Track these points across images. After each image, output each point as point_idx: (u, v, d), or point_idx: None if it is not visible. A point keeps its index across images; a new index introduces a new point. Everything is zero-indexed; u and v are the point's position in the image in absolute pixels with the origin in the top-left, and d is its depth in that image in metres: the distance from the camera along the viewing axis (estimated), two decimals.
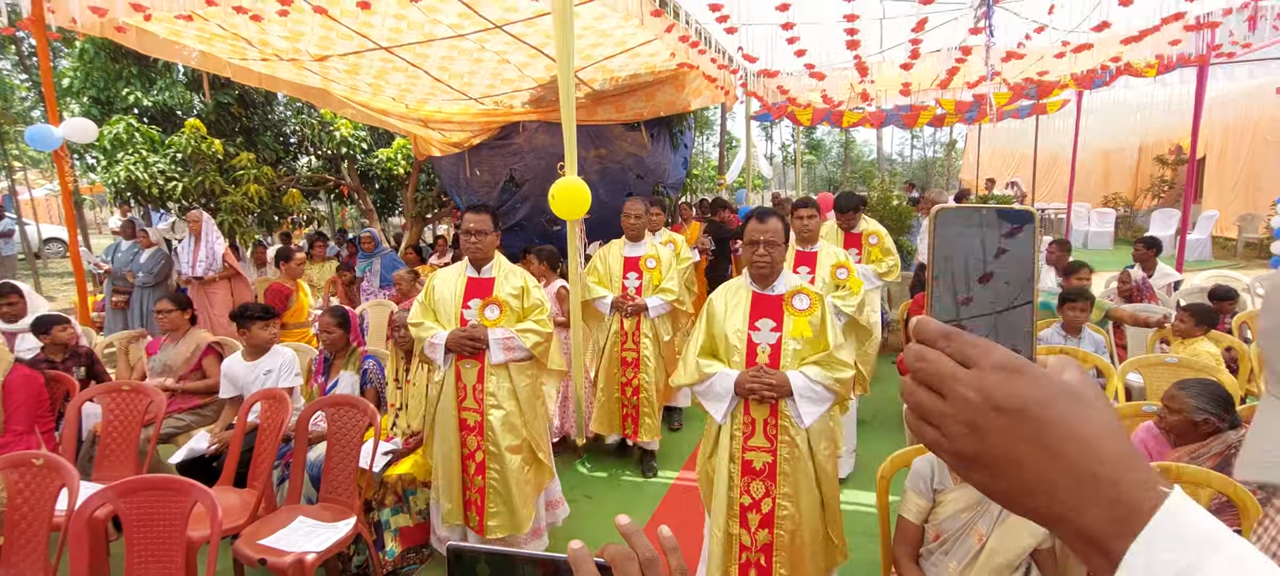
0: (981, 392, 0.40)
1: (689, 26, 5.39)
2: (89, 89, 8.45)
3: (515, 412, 2.97)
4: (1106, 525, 0.38)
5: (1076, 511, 0.38)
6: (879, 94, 7.96)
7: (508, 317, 2.96)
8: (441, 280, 3.07)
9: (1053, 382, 0.40)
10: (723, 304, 2.51)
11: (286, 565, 2.52)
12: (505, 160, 7.81)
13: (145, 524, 2.30)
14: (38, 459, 2.49)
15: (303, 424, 3.03)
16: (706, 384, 2.43)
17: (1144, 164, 14.74)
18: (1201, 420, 2.23)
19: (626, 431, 4.19)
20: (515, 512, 2.96)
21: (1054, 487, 0.39)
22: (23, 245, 11.74)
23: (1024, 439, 0.39)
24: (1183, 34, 4.92)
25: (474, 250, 2.97)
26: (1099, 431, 0.39)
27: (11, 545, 2.50)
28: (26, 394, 3.25)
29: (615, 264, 4.17)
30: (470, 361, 2.92)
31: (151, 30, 5.17)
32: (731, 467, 2.40)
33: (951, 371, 0.42)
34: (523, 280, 3.07)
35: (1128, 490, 0.38)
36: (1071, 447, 0.39)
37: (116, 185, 7.75)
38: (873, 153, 30.75)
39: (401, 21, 5.06)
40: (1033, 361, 0.42)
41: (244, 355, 3.66)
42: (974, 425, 0.41)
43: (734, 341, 2.41)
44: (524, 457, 3.01)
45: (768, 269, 2.42)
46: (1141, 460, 0.39)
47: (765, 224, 2.40)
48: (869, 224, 4.43)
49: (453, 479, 2.98)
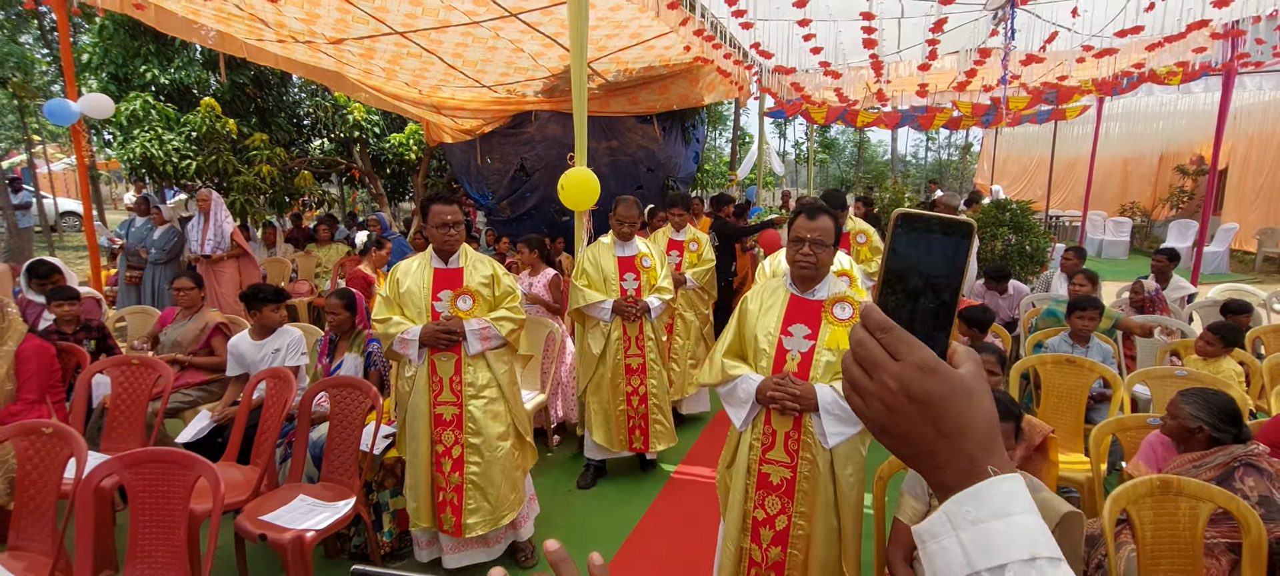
0: (901, 383, 0.52)
1: (704, 20, 5.36)
2: (107, 65, 8.53)
3: (498, 399, 2.92)
4: (955, 480, 0.52)
5: (944, 470, 0.52)
6: (895, 94, 7.89)
7: (480, 307, 2.91)
8: (405, 272, 2.95)
9: (954, 381, 0.52)
10: (758, 303, 2.34)
11: (286, 541, 2.55)
12: (516, 148, 7.82)
13: (150, 495, 2.34)
14: (47, 428, 2.52)
15: (306, 404, 3.06)
16: (730, 386, 2.28)
17: (1164, 173, 14.53)
18: (1195, 427, 2.24)
19: (635, 444, 3.90)
20: (497, 505, 2.89)
21: (936, 454, 0.53)
22: (40, 218, 11.89)
23: (925, 421, 0.52)
24: (1209, 42, 4.83)
25: (450, 241, 2.87)
26: (978, 421, 0.52)
27: (21, 510, 2.55)
28: (39, 364, 3.29)
29: (609, 266, 3.88)
30: (446, 354, 2.84)
31: (169, 8, 5.21)
32: (747, 480, 2.26)
33: (882, 360, 0.53)
34: (491, 268, 3.00)
35: (978, 463, 0.51)
36: (955, 430, 0.52)
37: (132, 161, 7.83)
38: (887, 153, 30.57)
39: (417, 6, 5.07)
40: (947, 347, 0.53)
41: (252, 333, 3.69)
42: (890, 406, 0.53)
43: (763, 344, 2.24)
44: (512, 443, 2.96)
45: (811, 270, 2.21)
46: (999, 445, 0.52)
47: (815, 221, 2.19)
48: (857, 223, 4.41)
49: (421, 478, 2.87)
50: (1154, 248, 5.45)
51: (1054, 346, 3.84)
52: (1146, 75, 6.22)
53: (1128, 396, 3.30)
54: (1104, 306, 4.00)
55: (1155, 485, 2.02)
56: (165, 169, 7.89)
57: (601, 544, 3.32)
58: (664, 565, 3.14)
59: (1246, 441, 2.27)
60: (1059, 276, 5.59)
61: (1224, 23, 4.65)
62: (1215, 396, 2.32)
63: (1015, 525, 0.48)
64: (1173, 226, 12.85)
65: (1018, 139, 17.94)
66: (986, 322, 3.83)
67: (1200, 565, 1.99)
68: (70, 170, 20.14)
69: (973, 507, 0.50)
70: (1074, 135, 14.72)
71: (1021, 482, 0.51)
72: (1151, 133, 14.42)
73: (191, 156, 7.97)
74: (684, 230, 4.79)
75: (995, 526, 0.48)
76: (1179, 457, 2.35)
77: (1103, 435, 2.61)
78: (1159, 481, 2.02)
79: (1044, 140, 14.25)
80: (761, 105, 9.17)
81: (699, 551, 3.19)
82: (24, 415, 3.15)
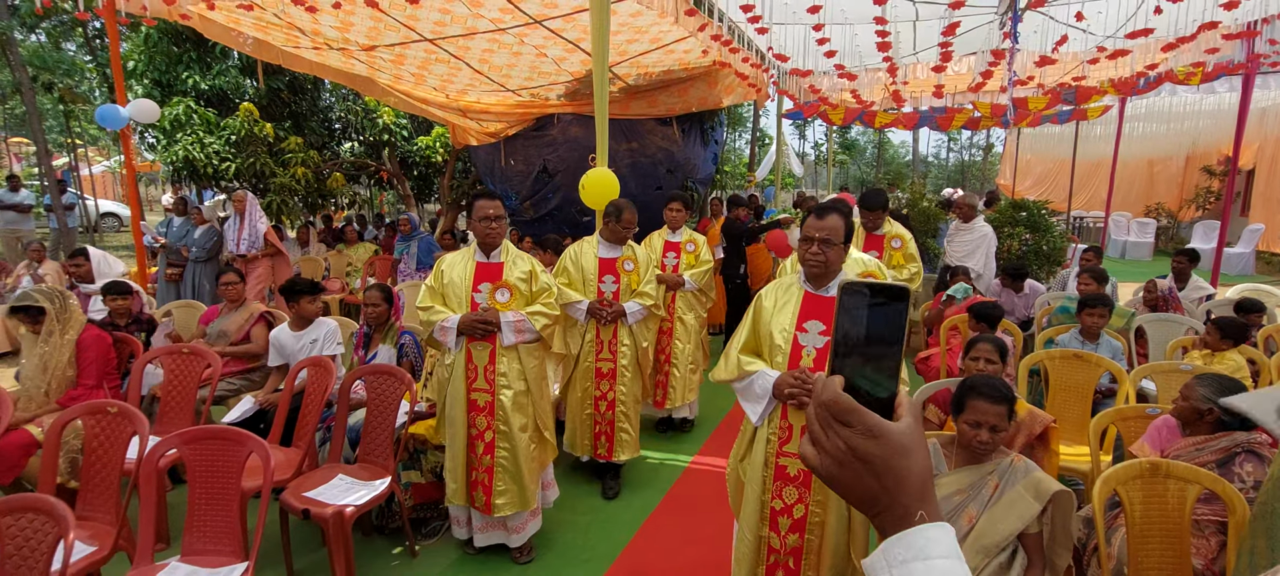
0: (849, 445, 0.62)
1: (722, 24, 5.51)
2: (151, 72, 8.92)
3: (525, 392, 3.05)
4: (892, 525, 0.61)
5: (883, 516, 0.62)
6: (912, 95, 7.94)
7: (517, 301, 3.04)
8: (450, 265, 3.10)
9: (894, 443, 0.61)
10: (772, 300, 2.39)
11: (328, 515, 2.75)
12: (539, 150, 8.03)
13: (207, 470, 2.54)
14: (113, 408, 2.75)
15: (344, 390, 3.26)
16: (746, 382, 2.34)
17: (1191, 174, 14.32)
18: (1206, 409, 2.34)
19: (599, 450, 3.83)
20: (524, 489, 3.03)
21: (877, 502, 0.62)
22: (82, 219, 12.39)
23: (869, 475, 0.62)
24: (1222, 43, 4.85)
25: (491, 235, 3.02)
26: (912, 475, 0.61)
27: (87, 484, 2.78)
28: (97, 351, 3.54)
29: (589, 266, 3.82)
30: (482, 344, 2.98)
31: (212, 17, 5.49)
32: (765, 472, 2.32)
33: (834, 425, 0.63)
34: (530, 265, 3.12)
35: (911, 511, 0.61)
36: (893, 484, 0.61)
37: (174, 164, 8.18)
38: (909, 154, 30.36)
39: (446, 15, 5.29)
40: (896, 395, 0.63)
41: (291, 325, 3.92)
42: (840, 461, 0.63)
43: (779, 341, 2.29)
44: (531, 435, 3.08)
45: (820, 268, 2.27)
46: (930, 493, 0.62)
47: (824, 220, 2.25)
48: (893, 227, 4.21)
49: (458, 460, 3.03)
50: (1177, 249, 5.46)
51: (1065, 343, 3.91)
52: (1165, 75, 6.22)
53: (1133, 390, 3.37)
54: (1114, 304, 4.06)
55: (1145, 468, 2.12)
56: (206, 171, 8.23)
57: (618, 529, 3.48)
58: (679, 550, 3.29)
59: (1251, 429, 2.36)
60: (1075, 276, 5.63)
61: (1238, 22, 4.67)
62: (1229, 381, 2.42)
63: (933, 567, 0.57)
64: (1198, 228, 12.68)
65: (1041, 140, 17.76)
66: (996, 318, 3.92)
67: (1187, 544, 2.09)
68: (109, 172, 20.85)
69: (901, 549, 0.59)
70: (1098, 136, 14.56)
71: (946, 531, 0.60)
72: (1177, 133, 14.24)
73: (231, 159, 8.31)
74: (681, 231, 4.62)
75: (916, 567, 0.58)
76: (1183, 440, 2.44)
77: (1102, 424, 2.71)
78: (1149, 464, 2.13)
79: (1066, 140, 14.12)
80: (779, 107, 9.27)
81: (716, 536, 3.33)
82: (84, 399, 3.39)
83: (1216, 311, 5.21)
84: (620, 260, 3.83)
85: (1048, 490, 1.99)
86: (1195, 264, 5.35)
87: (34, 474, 3.07)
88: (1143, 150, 14.86)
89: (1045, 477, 2.03)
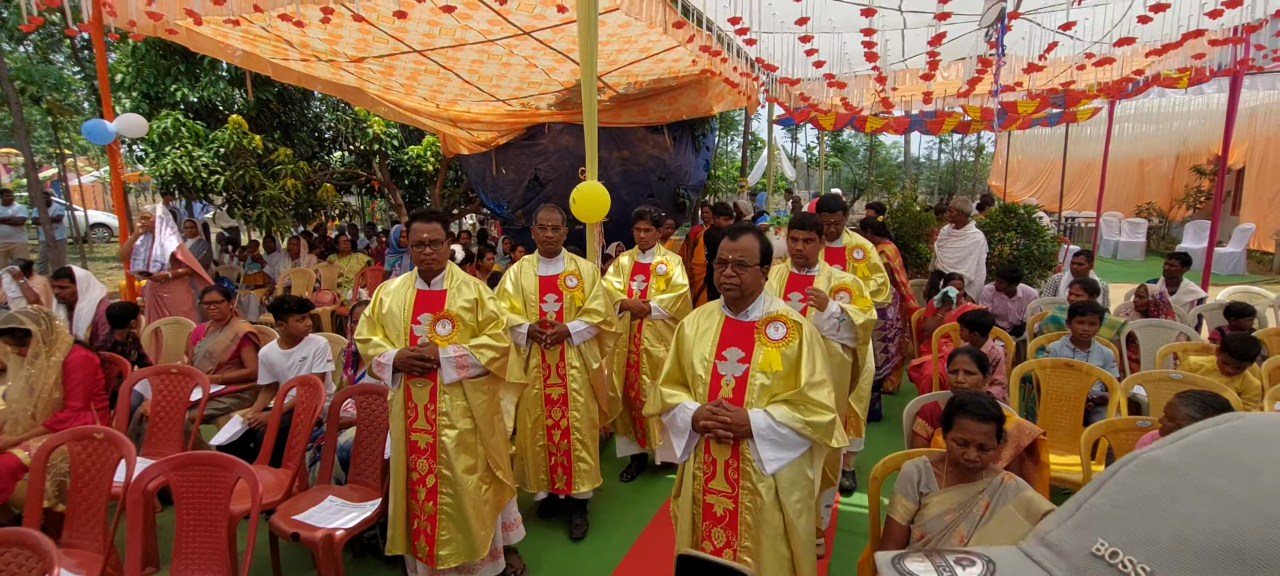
0: None
1: (710, 33, 5.51)
2: (139, 84, 8.87)
3: (471, 431, 2.78)
4: None
5: None
6: (903, 100, 7.97)
7: (461, 333, 2.76)
8: (389, 293, 2.84)
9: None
10: (693, 329, 2.29)
11: (318, 539, 2.72)
12: (531, 159, 8.03)
13: (194, 496, 2.52)
14: (99, 433, 2.73)
15: (334, 410, 3.24)
16: (670, 415, 2.23)
17: (1181, 173, 14.42)
18: None
19: (557, 484, 3.49)
20: (471, 537, 2.77)
21: None
22: (71, 230, 12.31)
23: None
24: (1208, 49, 4.89)
25: (427, 261, 2.74)
26: None
27: (73, 511, 2.75)
28: (85, 373, 3.50)
29: (530, 285, 3.49)
30: (421, 381, 2.72)
31: (200, 32, 5.47)
32: (694, 510, 2.21)
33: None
34: (476, 291, 2.84)
35: None
36: None
37: (163, 177, 8.14)
38: (901, 155, 30.46)
39: (434, 27, 5.28)
40: None
41: (280, 343, 3.89)
42: None
43: (699, 371, 2.19)
44: (480, 476, 2.82)
45: (736, 292, 2.19)
46: None
47: (736, 242, 2.15)
48: (852, 238, 3.91)
49: (397, 507, 2.78)
50: (1170, 249, 5.48)
51: (1056, 351, 3.93)
52: (1153, 79, 6.26)
53: (1125, 399, 3.38)
54: (1104, 312, 4.08)
55: None
56: (195, 184, 8.19)
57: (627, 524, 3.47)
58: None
59: None
60: (1067, 284, 5.65)
61: (1224, 29, 4.71)
62: (1212, 398, 2.42)
63: None
64: (1189, 227, 12.76)
65: (1031, 141, 17.86)
66: (986, 326, 3.94)
67: None
68: (98, 182, 20.73)
69: None
70: (1088, 137, 14.65)
71: None
72: (1167, 133, 14.33)
73: (220, 172, 8.27)
74: (651, 251, 4.12)
75: None
76: None
77: (1093, 437, 2.72)
78: None
79: (1057, 141, 14.21)
80: (770, 112, 9.29)
81: None
82: (71, 422, 3.35)
83: (1208, 315, 5.25)
84: (562, 276, 3.51)
85: (1039, 509, 1.98)
86: (1187, 267, 5.38)
87: (20, 498, 3.04)
88: (1133, 150, 14.96)
89: (1036, 497, 2.03)
